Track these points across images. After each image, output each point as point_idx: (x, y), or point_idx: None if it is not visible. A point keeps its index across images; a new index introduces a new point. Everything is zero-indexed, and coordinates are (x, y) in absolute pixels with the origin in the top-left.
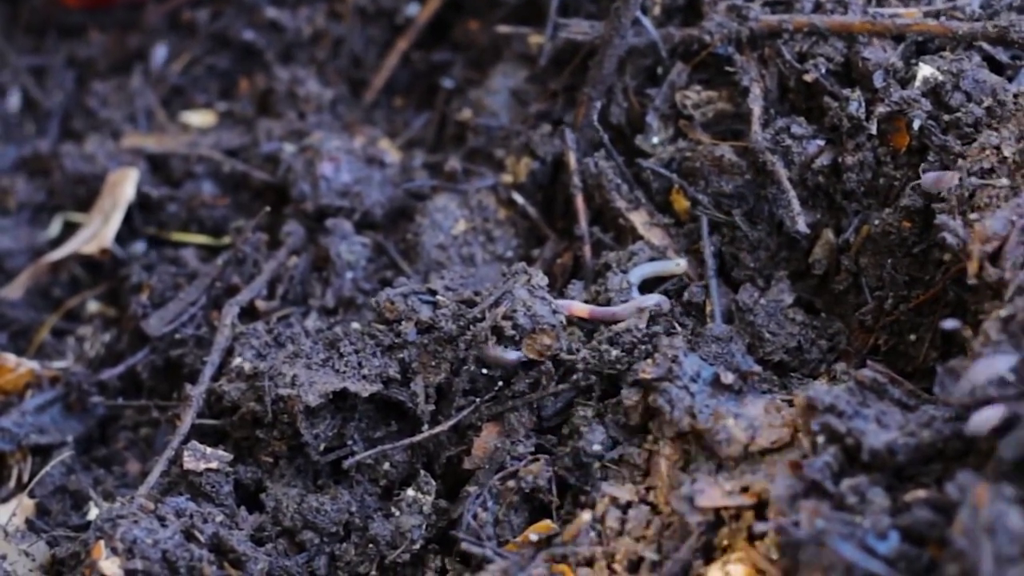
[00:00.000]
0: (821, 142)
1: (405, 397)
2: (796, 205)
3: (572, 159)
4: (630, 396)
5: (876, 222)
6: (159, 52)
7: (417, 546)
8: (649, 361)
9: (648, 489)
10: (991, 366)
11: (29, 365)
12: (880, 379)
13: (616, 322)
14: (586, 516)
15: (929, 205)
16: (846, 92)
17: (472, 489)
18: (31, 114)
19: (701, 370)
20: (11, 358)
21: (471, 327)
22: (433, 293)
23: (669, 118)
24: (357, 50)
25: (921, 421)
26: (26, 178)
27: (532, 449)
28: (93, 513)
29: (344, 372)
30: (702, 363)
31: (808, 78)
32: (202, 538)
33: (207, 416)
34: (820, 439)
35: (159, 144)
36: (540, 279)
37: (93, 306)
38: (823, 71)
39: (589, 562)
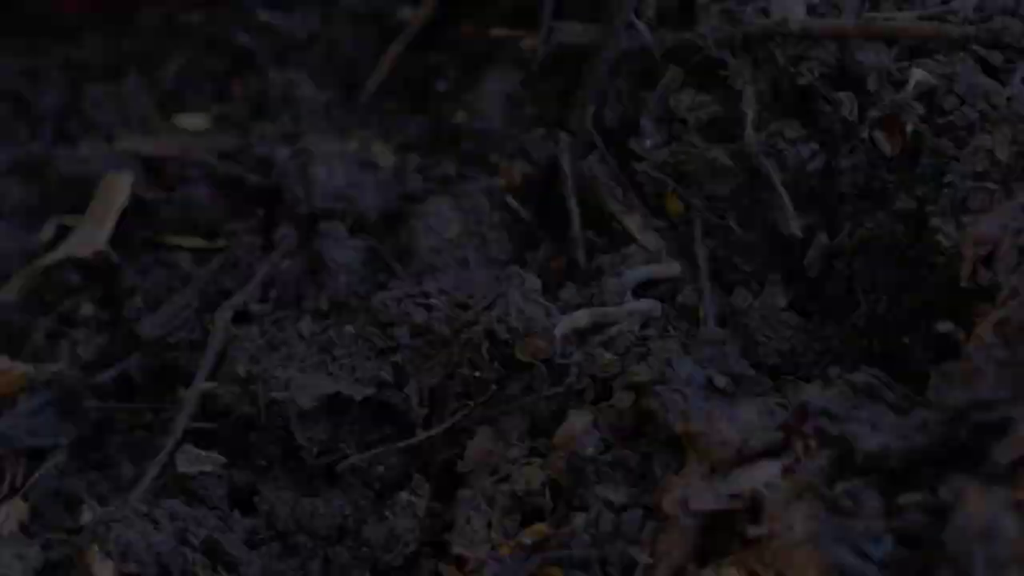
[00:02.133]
0: (814, 145)
1: (399, 400)
2: (790, 208)
3: (566, 162)
4: (623, 399)
5: (869, 225)
6: None
7: (410, 549)
8: (642, 364)
9: (642, 492)
10: None
11: (22, 368)
12: (874, 382)
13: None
14: (580, 519)
15: (922, 208)
16: (839, 96)
17: (466, 492)
18: (25, 117)
19: (694, 373)
20: (4, 361)
21: (465, 330)
22: (427, 296)
23: (663, 121)
24: (351, 53)
25: (915, 424)
26: (20, 181)
27: (526, 452)
28: (87, 516)
29: (337, 375)
30: (695, 366)
31: (801, 82)
32: (196, 541)
33: (200, 419)
34: (813, 442)
35: (153, 147)
36: (534, 282)
37: (87, 309)
38: (816, 75)
39: (583, 565)
